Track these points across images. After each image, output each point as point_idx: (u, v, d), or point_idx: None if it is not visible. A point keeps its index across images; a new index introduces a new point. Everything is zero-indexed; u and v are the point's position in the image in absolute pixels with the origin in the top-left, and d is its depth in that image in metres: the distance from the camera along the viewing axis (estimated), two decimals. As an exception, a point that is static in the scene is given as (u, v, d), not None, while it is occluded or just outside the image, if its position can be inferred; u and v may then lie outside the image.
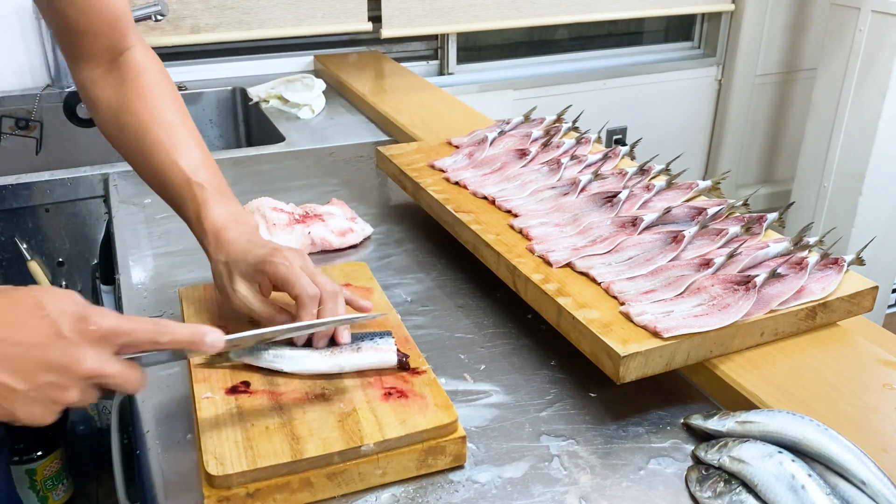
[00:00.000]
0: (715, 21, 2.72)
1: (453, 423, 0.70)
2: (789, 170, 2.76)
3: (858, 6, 2.19)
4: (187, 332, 0.64)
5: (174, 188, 0.85)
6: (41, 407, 0.58)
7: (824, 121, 2.36)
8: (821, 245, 0.92)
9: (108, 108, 0.89)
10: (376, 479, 0.68)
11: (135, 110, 0.88)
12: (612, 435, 0.76)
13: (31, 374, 0.57)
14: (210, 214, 0.82)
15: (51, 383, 0.57)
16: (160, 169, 0.86)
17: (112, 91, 0.89)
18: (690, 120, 2.78)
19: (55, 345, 0.57)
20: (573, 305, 0.81)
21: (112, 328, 0.60)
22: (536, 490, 0.69)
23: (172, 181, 0.85)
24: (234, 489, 0.63)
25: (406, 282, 1.03)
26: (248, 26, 2.04)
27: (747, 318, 0.79)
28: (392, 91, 1.85)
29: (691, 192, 1.05)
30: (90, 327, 0.58)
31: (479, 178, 1.13)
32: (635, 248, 0.90)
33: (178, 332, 0.63)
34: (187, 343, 0.64)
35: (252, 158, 1.49)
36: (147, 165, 0.88)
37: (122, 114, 0.88)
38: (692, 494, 0.68)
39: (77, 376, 0.58)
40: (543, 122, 1.30)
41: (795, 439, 0.67)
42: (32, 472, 1.60)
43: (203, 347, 0.64)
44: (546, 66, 2.53)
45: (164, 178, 0.86)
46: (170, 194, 0.87)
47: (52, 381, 0.57)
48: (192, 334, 0.64)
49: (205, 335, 0.64)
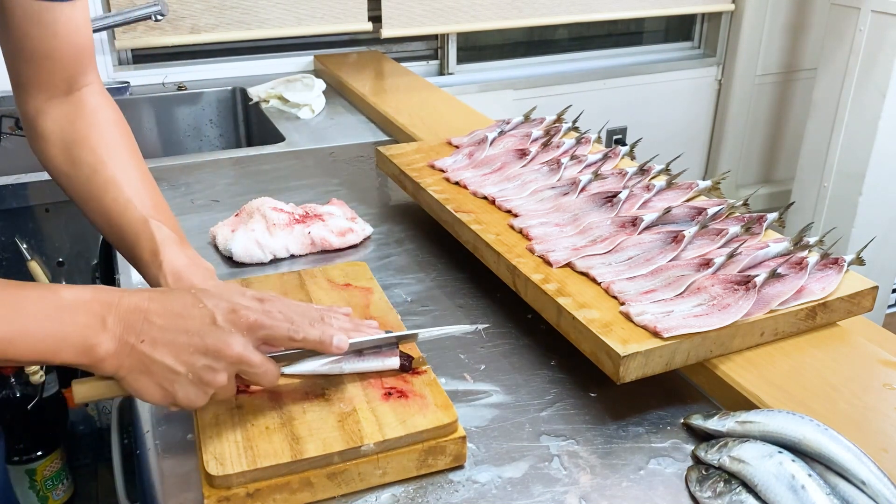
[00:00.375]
0: (715, 21, 2.72)
1: (453, 423, 0.70)
2: (789, 170, 2.76)
3: (858, 6, 2.19)
4: (317, 333, 0.69)
5: (128, 227, 0.81)
6: (196, 389, 0.65)
7: (824, 121, 2.36)
8: (821, 245, 0.92)
9: (59, 141, 0.83)
10: (376, 479, 0.68)
11: (91, 146, 0.83)
12: (612, 435, 0.76)
13: (190, 357, 0.64)
14: (168, 255, 0.78)
15: (205, 366, 0.64)
16: (114, 207, 0.81)
17: (66, 124, 0.84)
18: (690, 120, 2.78)
19: (211, 331, 0.64)
20: (573, 305, 0.81)
21: (257, 320, 0.66)
22: (536, 490, 0.69)
23: (127, 220, 0.81)
24: (234, 489, 0.63)
25: (406, 282, 1.03)
26: (248, 26, 2.04)
27: (747, 318, 0.79)
28: (392, 91, 1.85)
29: (691, 192, 1.04)
30: (240, 318, 0.65)
31: (479, 178, 1.13)
32: (635, 248, 0.90)
33: (310, 333, 0.68)
34: (317, 344, 0.69)
35: (252, 158, 1.49)
36: (100, 203, 0.82)
37: (75, 147, 0.83)
38: (692, 494, 0.68)
39: (228, 359, 0.64)
40: (543, 122, 1.30)
41: (795, 439, 0.67)
42: (32, 472, 1.60)
43: (330, 349, 0.69)
44: (546, 66, 2.53)
45: (118, 217, 0.81)
46: (122, 233, 0.82)
47: (207, 364, 0.64)
48: (321, 335, 0.69)
49: (331, 337, 0.69)
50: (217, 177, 1.39)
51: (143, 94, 1.92)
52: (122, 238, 0.82)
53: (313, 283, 0.92)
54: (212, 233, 1.12)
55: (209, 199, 1.29)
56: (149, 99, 1.91)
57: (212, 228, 1.13)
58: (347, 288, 0.91)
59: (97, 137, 0.84)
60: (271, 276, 0.94)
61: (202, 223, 1.18)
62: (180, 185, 1.34)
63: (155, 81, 1.98)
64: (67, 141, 0.84)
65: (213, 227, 1.13)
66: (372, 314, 0.86)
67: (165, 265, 0.78)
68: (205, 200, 1.28)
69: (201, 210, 1.24)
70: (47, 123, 0.84)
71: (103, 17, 1.71)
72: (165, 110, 1.94)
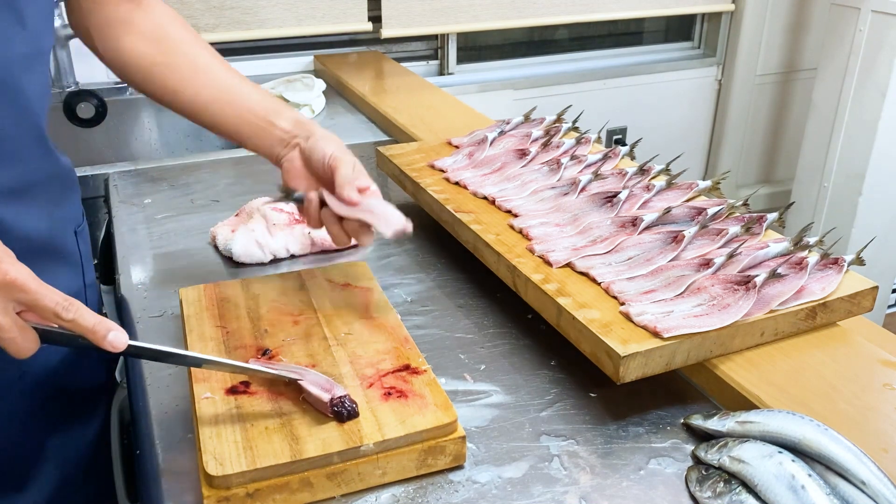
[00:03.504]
0: (715, 21, 2.72)
1: (453, 423, 0.70)
2: (789, 170, 2.76)
3: (858, 6, 2.19)
4: (93, 320, 0.62)
5: (245, 90, 0.91)
6: None
7: (824, 121, 2.36)
8: (821, 245, 0.92)
9: (150, 37, 0.91)
10: (376, 479, 0.68)
11: (179, 38, 0.93)
12: (612, 435, 0.75)
13: None
14: (286, 113, 0.90)
15: None
16: (225, 86, 0.91)
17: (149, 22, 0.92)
18: (690, 120, 2.78)
19: None
20: (573, 305, 0.81)
21: (17, 279, 0.60)
22: (536, 490, 0.69)
23: (242, 88, 0.91)
24: (234, 489, 0.63)
25: (406, 282, 1.03)
26: (248, 26, 2.04)
27: (747, 318, 0.79)
28: (392, 91, 1.85)
29: (691, 192, 1.04)
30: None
31: (479, 178, 1.13)
32: (635, 248, 0.90)
33: (84, 317, 0.62)
34: (89, 331, 0.62)
35: (252, 158, 1.48)
36: (205, 88, 0.91)
37: (166, 41, 0.92)
38: (692, 494, 0.68)
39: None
40: (543, 122, 1.30)
41: (795, 439, 0.67)
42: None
43: (102, 343, 0.63)
44: (546, 66, 2.53)
45: (227, 93, 0.91)
46: (231, 109, 0.91)
47: None
48: (96, 324, 0.62)
49: (108, 331, 0.63)
50: (217, 177, 1.39)
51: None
52: (230, 112, 0.91)
53: (313, 283, 0.92)
54: (212, 233, 1.12)
55: (209, 199, 1.29)
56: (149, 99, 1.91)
57: (212, 228, 1.13)
58: (347, 288, 0.91)
59: (184, 33, 0.94)
60: (271, 276, 0.94)
61: (202, 223, 1.18)
62: (180, 185, 1.34)
63: (155, 81, 1.97)
64: (158, 35, 0.92)
65: (213, 227, 1.13)
66: (372, 314, 0.86)
67: (297, 114, 0.89)
68: (205, 200, 1.28)
69: (201, 210, 1.24)
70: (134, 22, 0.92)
71: (103, 17, 1.71)
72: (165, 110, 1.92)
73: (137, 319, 0.94)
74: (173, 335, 0.90)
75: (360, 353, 0.78)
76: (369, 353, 0.78)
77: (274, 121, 0.90)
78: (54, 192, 0.93)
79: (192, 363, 0.72)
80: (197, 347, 0.79)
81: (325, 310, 0.86)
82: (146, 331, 0.92)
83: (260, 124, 0.90)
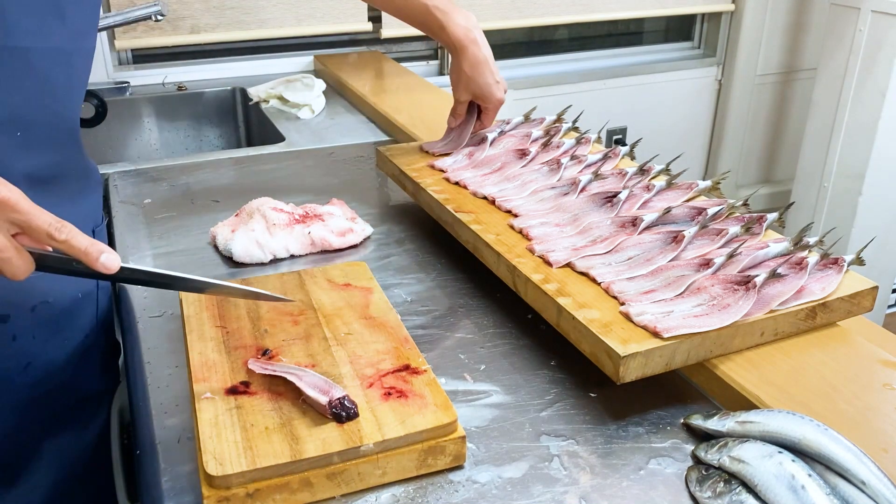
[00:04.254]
0: (715, 21, 2.72)
1: (453, 423, 0.70)
2: (789, 170, 2.76)
3: (858, 6, 2.19)
4: (85, 242, 0.63)
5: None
6: None
7: (824, 121, 2.36)
8: (821, 245, 0.92)
9: None
10: (376, 479, 0.68)
11: None
12: (612, 435, 0.75)
13: None
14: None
15: None
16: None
17: None
18: (690, 120, 2.78)
19: None
20: (573, 305, 0.81)
21: (10, 199, 0.61)
22: (536, 490, 0.69)
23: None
24: (234, 489, 0.63)
25: (406, 282, 1.03)
26: (248, 26, 2.04)
27: (747, 318, 0.79)
28: (392, 91, 1.85)
29: (691, 192, 1.04)
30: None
31: (479, 178, 1.13)
32: (635, 248, 0.90)
33: (77, 238, 0.63)
34: (82, 252, 0.63)
35: (252, 158, 1.49)
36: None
37: None
38: (692, 494, 0.68)
39: None
40: (543, 122, 1.30)
41: (795, 439, 0.67)
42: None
43: (95, 265, 0.64)
44: (546, 66, 2.53)
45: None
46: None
47: None
48: (88, 246, 0.63)
49: (101, 252, 0.64)
50: (217, 177, 1.39)
51: (143, 94, 1.92)
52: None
53: (313, 283, 0.92)
54: (212, 233, 1.12)
55: (209, 199, 1.29)
56: (149, 99, 1.91)
57: (212, 228, 1.13)
58: (347, 288, 0.91)
59: None
60: (271, 277, 0.94)
61: (202, 223, 1.18)
62: (180, 185, 1.34)
63: (155, 81, 1.98)
64: None
65: (213, 228, 1.13)
66: (372, 314, 0.86)
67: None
68: (205, 200, 1.28)
69: (201, 210, 1.24)
70: None
71: (103, 17, 1.71)
72: (165, 110, 1.94)
73: (137, 319, 0.94)
74: (173, 335, 0.90)
75: (360, 353, 0.78)
76: (369, 353, 0.78)
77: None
78: (77, 188, 0.94)
79: (191, 287, 0.70)
80: (197, 347, 0.79)
81: (325, 310, 0.86)
82: (146, 331, 0.92)
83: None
